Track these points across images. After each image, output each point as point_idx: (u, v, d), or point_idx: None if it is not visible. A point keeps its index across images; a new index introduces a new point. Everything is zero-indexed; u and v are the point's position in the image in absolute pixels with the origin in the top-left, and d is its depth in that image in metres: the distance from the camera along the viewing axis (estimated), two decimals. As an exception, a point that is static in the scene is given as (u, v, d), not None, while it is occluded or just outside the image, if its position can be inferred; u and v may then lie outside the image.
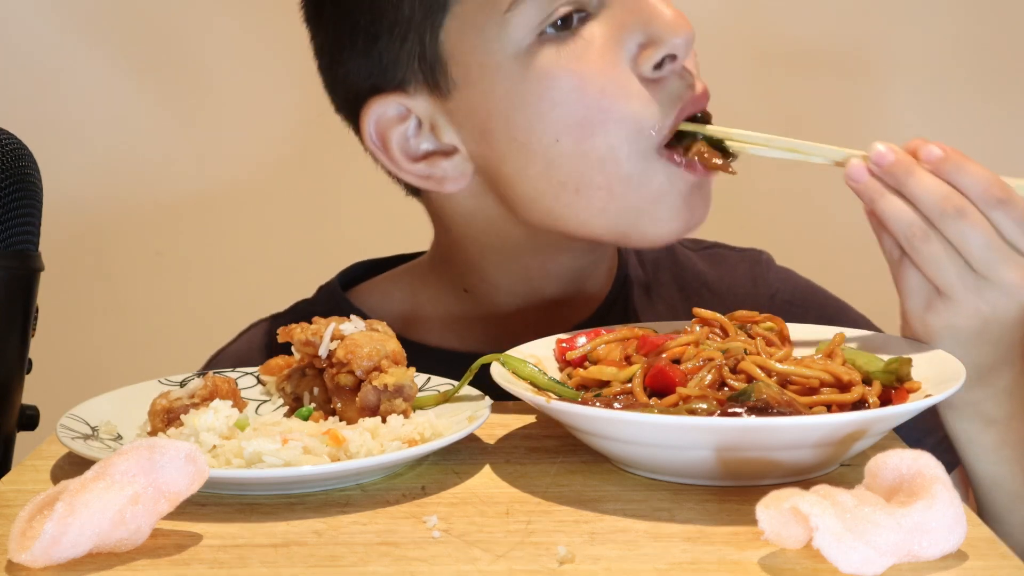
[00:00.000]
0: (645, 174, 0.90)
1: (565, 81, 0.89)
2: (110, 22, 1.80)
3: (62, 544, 0.60)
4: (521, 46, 0.89)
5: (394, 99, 0.94)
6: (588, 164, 0.90)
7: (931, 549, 0.60)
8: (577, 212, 0.92)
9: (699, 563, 0.62)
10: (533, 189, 0.93)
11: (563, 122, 0.90)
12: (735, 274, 1.12)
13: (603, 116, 0.89)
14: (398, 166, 0.95)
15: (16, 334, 0.87)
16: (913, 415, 0.73)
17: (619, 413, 0.72)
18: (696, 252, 1.13)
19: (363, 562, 0.63)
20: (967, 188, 0.79)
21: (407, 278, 1.09)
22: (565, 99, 0.89)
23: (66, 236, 1.75)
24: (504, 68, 0.90)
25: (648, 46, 0.88)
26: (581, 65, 0.89)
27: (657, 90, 0.89)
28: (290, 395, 0.84)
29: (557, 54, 0.89)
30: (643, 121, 0.89)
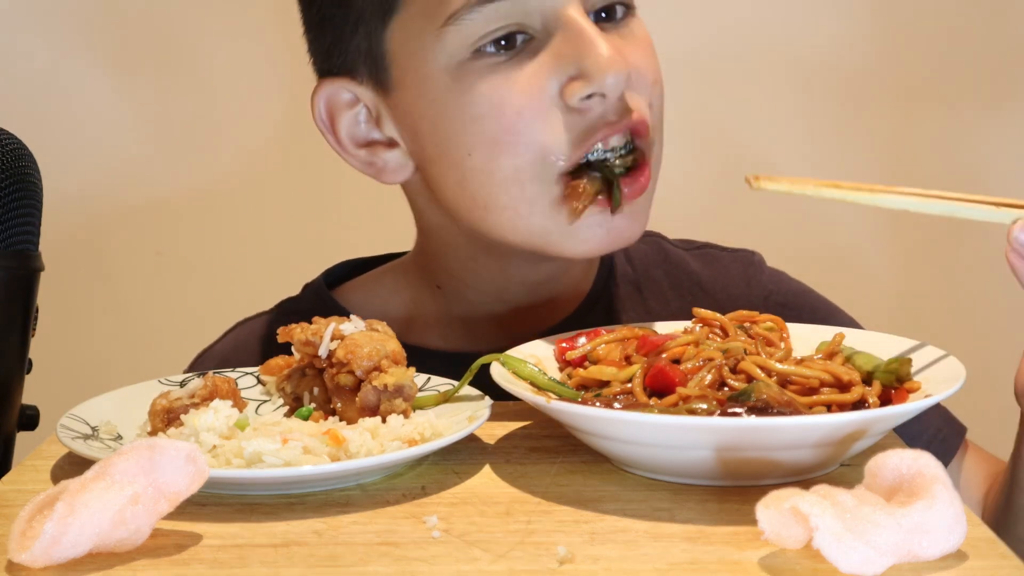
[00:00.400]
0: (545, 197, 0.91)
1: (487, 99, 0.90)
2: (110, 22, 1.80)
3: (62, 544, 0.60)
4: (454, 59, 0.91)
5: (345, 84, 0.97)
6: (494, 183, 0.92)
7: (931, 549, 0.60)
8: (491, 226, 0.95)
9: (699, 563, 0.62)
10: (452, 197, 0.95)
11: (478, 138, 0.91)
12: (728, 275, 1.12)
13: (514, 138, 0.90)
14: (343, 148, 0.98)
15: (16, 334, 0.87)
16: (913, 415, 0.73)
17: (619, 413, 0.72)
18: (688, 252, 1.14)
19: (363, 562, 0.63)
20: None
21: (390, 276, 1.10)
22: (483, 116, 0.91)
23: (66, 236, 1.75)
24: (436, 77, 0.92)
25: (578, 79, 0.89)
26: (507, 86, 0.90)
27: (577, 120, 0.90)
28: (290, 395, 0.84)
29: (488, 72, 0.91)
30: (549, 147, 0.90)
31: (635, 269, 1.10)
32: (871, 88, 1.82)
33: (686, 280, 1.10)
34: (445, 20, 0.90)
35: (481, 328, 1.02)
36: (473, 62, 0.91)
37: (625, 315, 1.05)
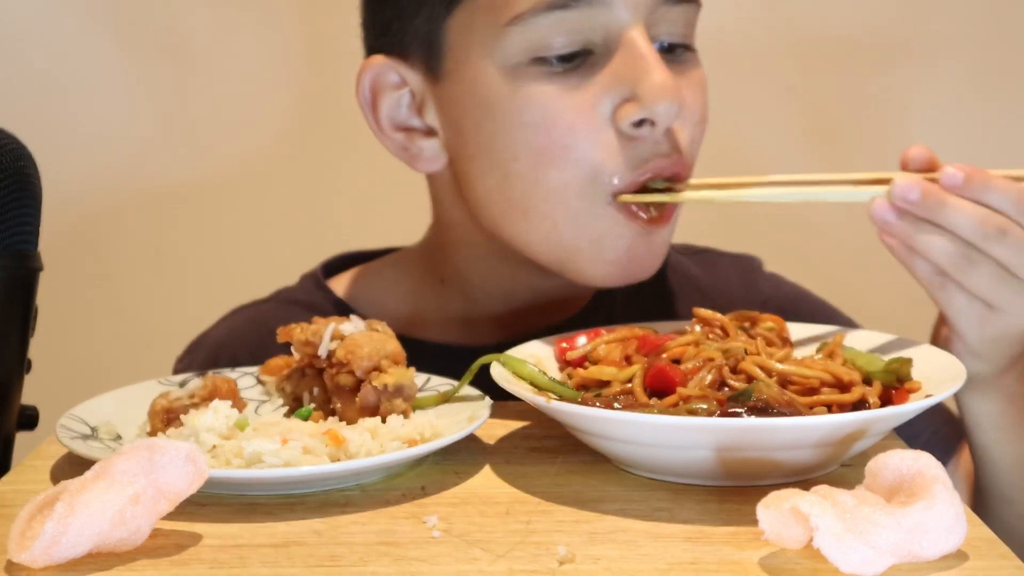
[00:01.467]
0: (591, 215, 0.91)
1: (539, 108, 0.90)
2: (110, 22, 1.80)
3: (62, 544, 0.60)
4: (511, 61, 0.90)
5: (394, 65, 0.96)
6: (539, 191, 0.91)
7: (931, 549, 0.60)
8: (521, 232, 0.94)
9: (699, 563, 0.62)
10: (487, 197, 0.94)
11: (525, 145, 0.91)
12: (728, 279, 1.12)
13: (564, 152, 0.90)
14: (381, 129, 0.98)
15: (16, 334, 0.87)
16: (913, 415, 0.73)
17: (619, 413, 0.72)
18: (688, 256, 1.14)
19: (363, 562, 0.63)
20: (999, 204, 0.79)
21: (390, 268, 1.10)
22: (534, 124, 0.90)
23: (66, 236, 1.75)
24: (490, 75, 0.91)
25: (631, 101, 0.89)
26: (561, 98, 0.90)
27: (628, 146, 0.90)
28: (290, 395, 0.84)
29: (543, 80, 0.90)
30: (602, 168, 0.90)
31: None
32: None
33: (686, 285, 1.11)
34: (510, 19, 0.89)
35: (480, 326, 1.02)
36: (530, 67, 0.90)
37: (627, 319, 1.05)
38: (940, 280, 0.81)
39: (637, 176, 0.90)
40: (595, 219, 0.91)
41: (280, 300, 1.10)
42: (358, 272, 1.11)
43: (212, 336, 1.11)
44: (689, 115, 0.92)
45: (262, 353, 1.04)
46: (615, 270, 0.93)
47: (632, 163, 0.90)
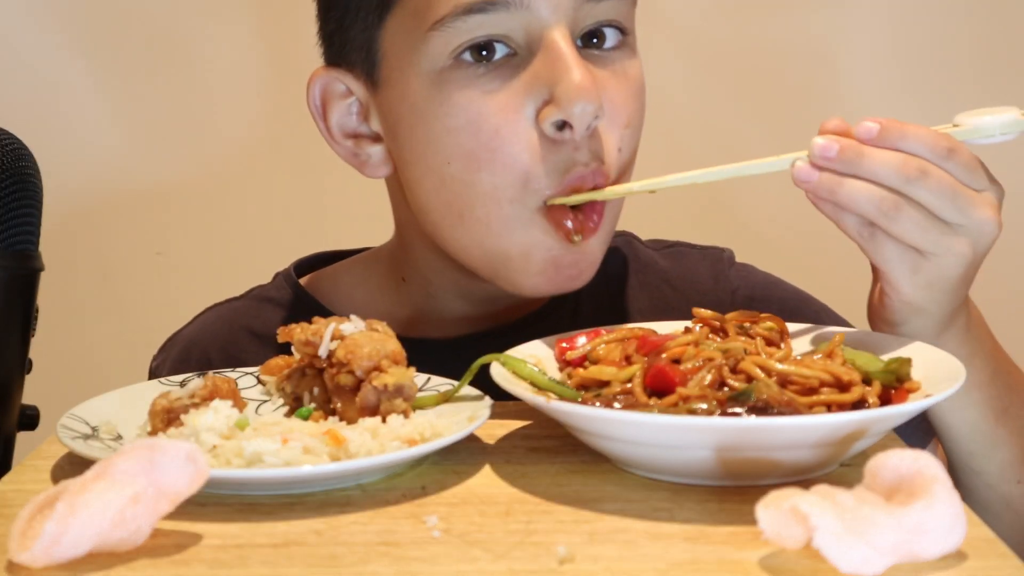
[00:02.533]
0: (521, 221, 0.92)
1: (464, 112, 0.91)
2: (110, 22, 1.80)
3: (62, 544, 0.60)
4: (436, 66, 0.91)
5: (340, 75, 0.98)
6: (473, 194, 0.92)
7: (931, 549, 0.60)
8: (458, 238, 0.95)
9: (699, 563, 0.62)
10: (426, 202, 0.96)
11: (456, 149, 0.91)
12: (697, 272, 1.12)
13: (491, 155, 0.90)
14: (332, 137, 1.00)
15: (16, 334, 0.87)
16: (913, 415, 0.73)
17: (619, 413, 0.72)
18: (658, 251, 1.14)
19: (363, 562, 0.63)
20: (916, 149, 0.80)
21: (360, 266, 1.12)
22: (460, 128, 0.91)
23: (66, 236, 1.75)
24: (418, 81, 0.92)
25: (551, 103, 0.89)
26: (484, 101, 0.90)
27: (553, 150, 0.90)
28: (290, 395, 0.84)
29: (466, 83, 0.91)
30: (531, 172, 0.90)
31: (604, 268, 1.10)
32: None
33: (655, 278, 1.11)
34: (432, 25, 0.90)
35: (442, 321, 1.03)
36: (453, 71, 0.91)
37: (592, 313, 1.07)
38: (869, 231, 0.82)
39: (561, 185, 0.90)
40: (525, 226, 0.92)
41: (252, 297, 1.12)
42: (329, 271, 1.12)
43: (184, 333, 1.13)
44: (616, 117, 0.92)
45: (233, 349, 1.06)
46: (543, 281, 0.93)
47: (558, 168, 0.90)
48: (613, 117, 0.92)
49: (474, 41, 0.90)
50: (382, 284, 1.08)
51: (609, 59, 0.93)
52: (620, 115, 0.92)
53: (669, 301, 1.07)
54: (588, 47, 0.92)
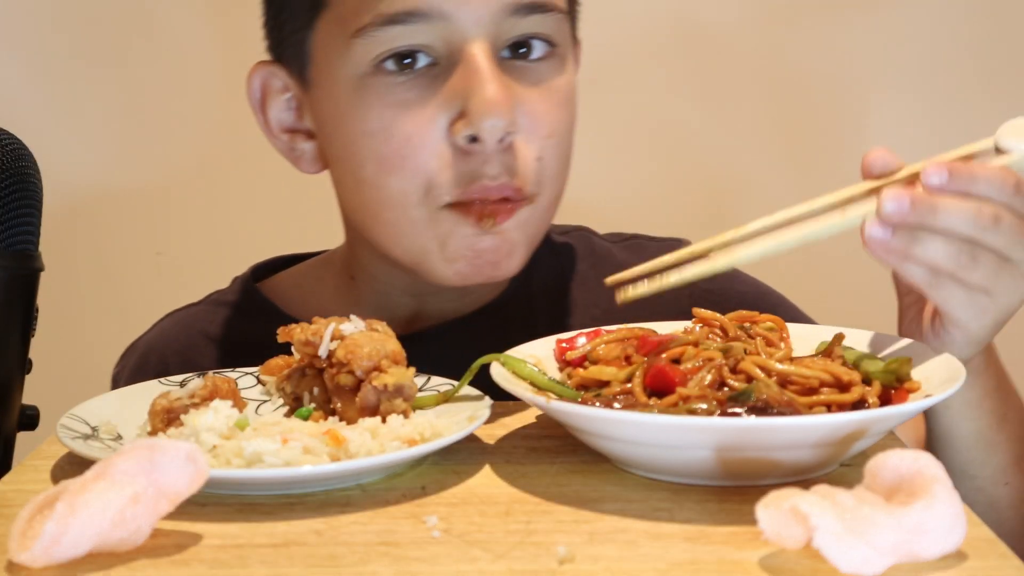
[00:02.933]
0: (428, 221, 0.94)
1: (380, 118, 0.93)
2: (110, 22, 1.80)
3: (62, 544, 0.60)
4: (358, 72, 0.93)
5: (277, 70, 1.01)
6: (383, 197, 0.94)
7: (931, 549, 0.60)
8: (377, 236, 0.98)
9: (699, 563, 0.62)
10: (348, 201, 0.99)
11: (369, 152, 0.94)
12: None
13: (401, 162, 0.92)
14: (270, 130, 1.03)
15: (16, 334, 0.87)
16: (913, 415, 0.73)
17: (619, 413, 0.72)
18: (615, 244, 1.15)
19: (363, 562, 0.63)
20: (985, 192, 0.78)
21: (316, 268, 1.13)
22: (375, 133, 0.93)
23: (66, 236, 1.75)
24: (342, 85, 0.95)
25: (463, 117, 0.91)
26: (400, 109, 0.92)
27: (461, 161, 0.92)
28: (290, 395, 0.84)
29: (386, 91, 0.93)
30: (435, 180, 0.92)
31: (561, 262, 1.12)
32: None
33: (612, 271, 1.11)
34: (355, 32, 0.92)
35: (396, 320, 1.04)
36: (373, 77, 0.93)
37: (546, 305, 1.08)
38: (936, 279, 0.80)
39: (464, 195, 0.92)
40: (434, 224, 0.94)
41: (210, 303, 1.13)
42: (286, 274, 1.14)
43: (143, 340, 1.14)
44: (535, 128, 0.93)
45: (190, 354, 1.06)
46: (465, 267, 0.95)
47: (463, 179, 0.92)
48: (532, 129, 0.93)
49: (395, 51, 0.92)
50: (337, 284, 1.09)
51: (534, 71, 0.95)
52: (540, 126, 0.94)
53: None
54: (516, 58, 0.94)
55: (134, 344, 1.14)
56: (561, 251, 1.12)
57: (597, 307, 1.07)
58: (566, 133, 0.96)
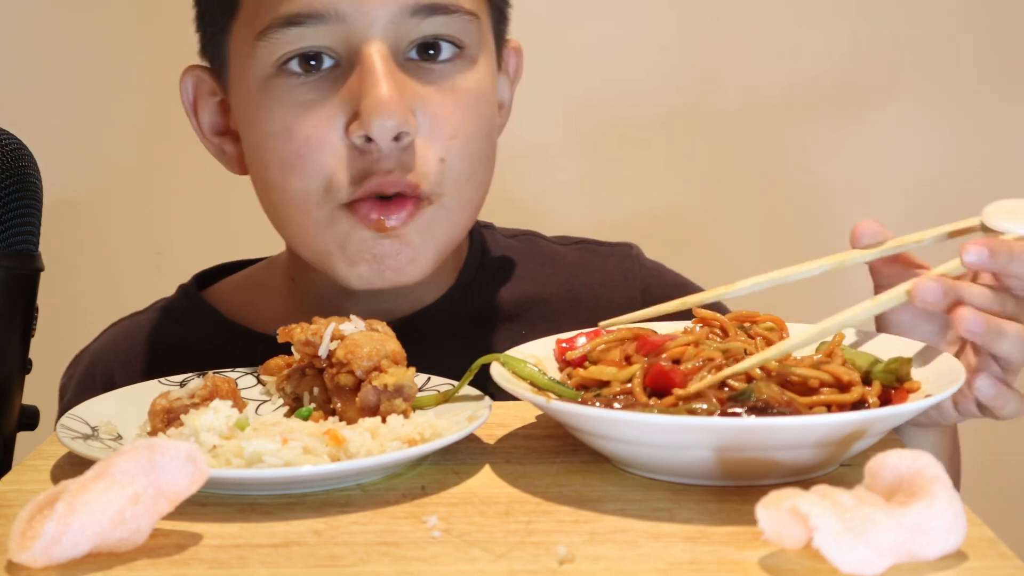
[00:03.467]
0: (329, 221, 0.95)
1: (281, 120, 0.94)
2: (110, 22, 1.80)
3: (62, 544, 0.60)
4: (262, 74, 0.95)
5: (203, 74, 1.03)
6: (287, 198, 0.96)
7: (931, 549, 0.60)
8: (288, 237, 1.01)
9: (699, 563, 0.62)
10: (263, 202, 1.01)
11: (272, 153, 0.95)
12: (606, 267, 1.14)
13: (300, 162, 0.94)
14: (202, 133, 1.05)
15: (16, 334, 0.87)
16: (913, 415, 0.73)
17: (619, 413, 0.72)
18: (564, 246, 1.16)
19: (363, 562, 0.63)
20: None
21: (259, 272, 1.14)
22: (277, 134, 0.95)
23: (66, 236, 1.75)
24: (249, 88, 0.96)
25: (358, 118, 0.92)
26: (300, 110, 0.94)
27: (357, 159, 0.93)
28: (290, 395, 0.84)
29: (287, 93, 0.94)
30: (333, 179, 0.93)
31: (508, 262, 1.13)
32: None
33: (563, 270, 1.13)
34: (257, 34, 0.94)
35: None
36: (277, 79, 0.94)
37: (495, 305, 1.09)
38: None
39: (360, 192, 0.93)
40: (333, 224, 0.95)
41: (155, 311, 1.14)
42: (230, 280, 1.15)
43: (90, 350, 1.15)
44: (437, 129, 0.94)
45: (136, 363, 1.07)
46: (367, 271, 0.96)
47: (359, 175, 0.93)
48: (433, 129, 0.94)
49: (296, 52, 0.93)
50: (279, 287, 1.10)
51: (439, 72, 0.95)
52: (441, 127, 0.94)
53: (577, 292, 1.10)
54: (424, 59, 0.95)
55: (80, 354, 1.15)
56: (508, 251, 1.13)
57: (546, 304, 1.09)
58: (473, 135, 0.96)
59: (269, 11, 0.93)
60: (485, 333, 1.06)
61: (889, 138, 1.85)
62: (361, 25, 0.92)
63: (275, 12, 0.93)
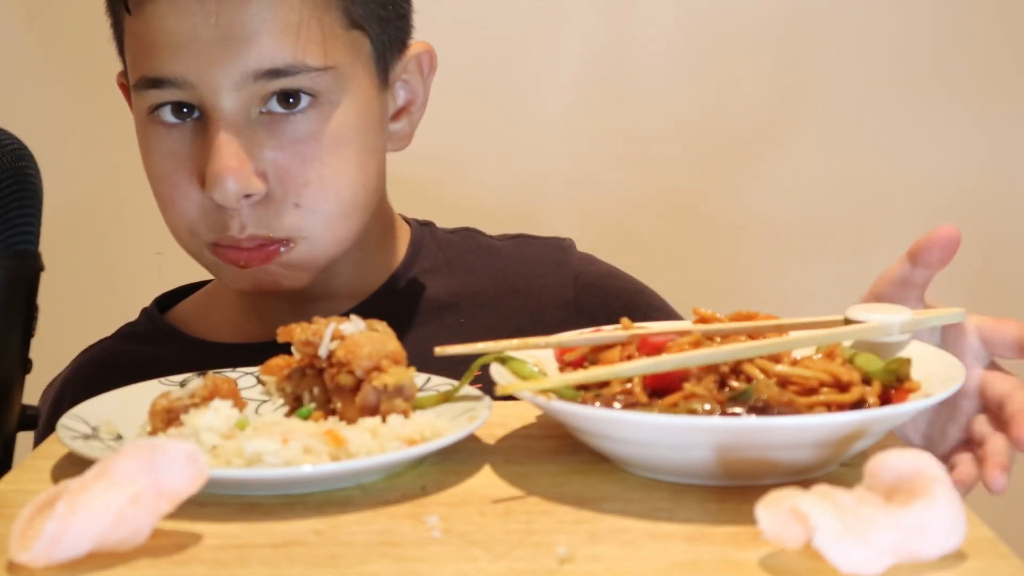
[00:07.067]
0: (201, 255, 1.03)
1: (154, 163, 1.01)
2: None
3: (62, 544, 0.60)
4: (142, 117, 1.01)
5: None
6: (170, 226, 1.04)
7: (931, 549, 0.60)
8: None
9: (699, 563, 0.62)
10: None
11: (154, 189, 1.03)
12: (540, 257, 1.18)
13: (171, 205, 1.01)
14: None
15: (16, 334, 0.87)
16: (913, 415, 0.73)
17: (619, 413, 0.72)
18: (502, 241, 1.20)
19: (363, 562, 0.63)
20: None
21: (215, 288, 1.19)
22: (152, 175, 1.02)
23: (66, 236, 1.75)
24: (137, 124, 1.03)
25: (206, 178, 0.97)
26: (168, 160, 1.00)
27: (215, 211, 0.98)
28: (290, 395, 0.84)
29: (159, 138, 1.00)
30: (196, 226, 1.00)
31: (446, 253, 1.17)
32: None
33: (500, 262, 1.17)
34: (132, 85, 1.00)
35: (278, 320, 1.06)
36: (153, 123, 1.00)
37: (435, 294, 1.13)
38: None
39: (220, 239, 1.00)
40: (204, 258, 1.03)
41: (120, 337, 1.18)
42: (189, 300, 1.20)
43: (60, 377, 1.18)
44: (287, 182, 0.98)
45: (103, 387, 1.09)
46: (248, 288, 1.03)
47: (216, 226, 0.99)
48: (286, 182, 0.98)
49: (162, 104, 0.98)
50: (232, 299, 1.14)
51: (295, 122, 0.99)
52: (291, 180, 0.98)
53: (512, 282, 1.13)
54: (284, 106, 0.98)
55: (53, 381, 1.18)
56: (445, 244, 1.17)
57: (484, 294, 1.13)
58: (334, 175, 1.00)
59: (135, 69, 1.00)
60: (424, 323, 1.11)
61: (884, 140, 1.85)
62: (208, 91, 0.96)
63: (139, 71, 0.99)
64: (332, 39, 0.99)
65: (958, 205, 1.81)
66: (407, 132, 1.10)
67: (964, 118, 1.83)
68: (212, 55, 0.95)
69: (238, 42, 0.95)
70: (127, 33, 1.01)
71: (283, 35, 0.96)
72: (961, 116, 1.83)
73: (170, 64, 0.96)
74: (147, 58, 0.98)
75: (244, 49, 0.95)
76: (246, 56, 0.95)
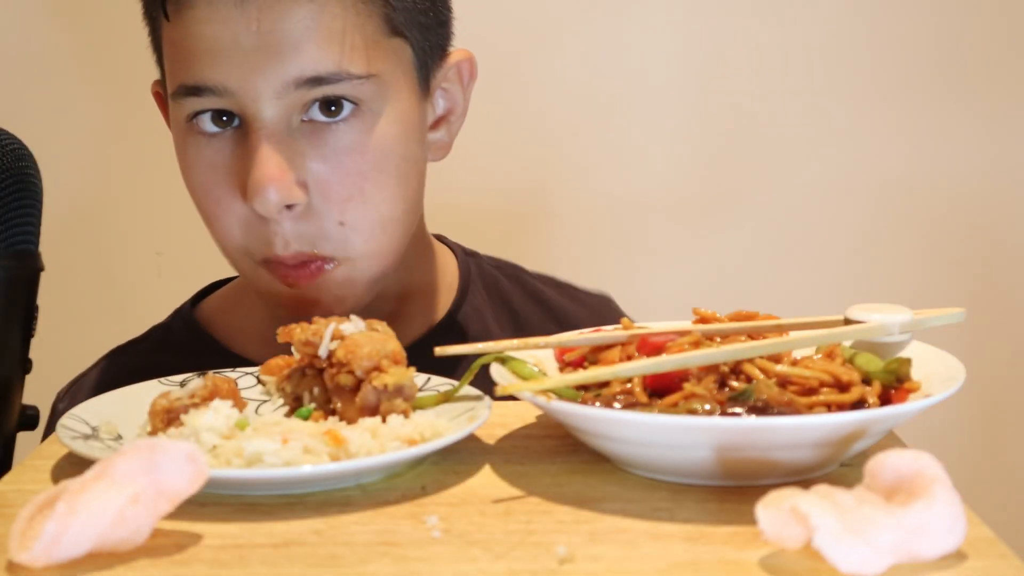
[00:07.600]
0: (251, 270, 1.00)
1: (195, 175, 0.99)
2: (111, 23, 1.80)
3: (62, 544, 0.60)
4: (180, 127, 0.98)
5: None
6: (221, 246, 1.01)
7: (931, 549, 0.60)
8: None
9: (699, 563, 0.62)
10: None
11: (198, 203, 1.00)
12: (584, 308, 1.17)
13: (214, 218, 0.98)
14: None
15: (16, 334, 0.87)
16: (913, 415, 0.73)
17: (619, 413, 0.72)
18: (549, 287, 1.19)
19: (363, 562, 0.63)
20: None
21: (240, 286, 1.16)
22: (195, 187, 0.99)
23: (66, 236, 1.75)
24: (175, 133, 1.00)
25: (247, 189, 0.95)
26: (209, 171, 0.97)
27: (259, 225, 0.96)
28: (290, 395, 0.84)
29: (200, 148, 0.97)
30: (244, 243, 0.98)
31: (490, 295, 1.15)
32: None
33: (544, 305, 1.16)
34: (171, 93, 0.98)
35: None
36: (192, 133, 0.98)
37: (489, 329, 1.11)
38: None
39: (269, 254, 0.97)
40: (255, 275, 1.00)
41: (153, 340, 1.15)
42: (214, 297, 1.17)
43: (86, 379, 1.15)
44: (330, 196, 0.96)
45: None
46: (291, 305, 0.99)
47: (262, 244, 0.97)
48: (327, 196, 0.96)
49: (201, 112, 0.96)
50: (257, 301, 1.10)
51: (337, 132, 0.96)
52: (335, 193, 0.96)
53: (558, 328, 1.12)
54: (326, 114, 0.96)
55: (79, 381, 1.15)
56: (490, 285, 1.16)
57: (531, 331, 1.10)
58: (375, 189, 0.97)
59: (174, 78, 0.97)
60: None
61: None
62: (248, 99, 0.94)
63: (177, 79, 0.96)
64: (374, 47, 0.96)
65: (959, 205, 1.81)
66: (446, 142, 1.07)
67: (965, 118, 1.83)
68: (254, 62, 0.93)
69: (280, 49, 0.93)
70: (165, 40, 0.98)
71: (326, 43, 0.94)
72: (962, 116, 1.83)
73: (210, 72, 0.94)
74: (186, 66, 0.95)
75: (287, 57, 0.93)
76: (289, 64, 0.93)
